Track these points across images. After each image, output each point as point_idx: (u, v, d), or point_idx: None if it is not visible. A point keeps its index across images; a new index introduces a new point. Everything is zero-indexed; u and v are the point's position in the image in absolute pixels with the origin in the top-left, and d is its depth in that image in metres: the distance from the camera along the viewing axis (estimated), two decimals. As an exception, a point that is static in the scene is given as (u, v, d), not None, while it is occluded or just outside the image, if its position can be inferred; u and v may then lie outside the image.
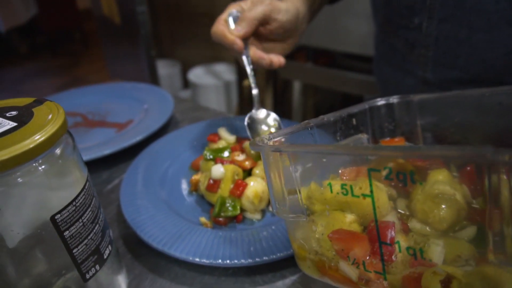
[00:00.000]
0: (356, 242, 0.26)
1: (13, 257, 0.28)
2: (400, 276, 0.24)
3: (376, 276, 0.25)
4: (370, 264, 0.25)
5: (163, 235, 0.40)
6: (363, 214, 0.27)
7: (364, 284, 0.26)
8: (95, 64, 3.20)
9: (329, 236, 0.27)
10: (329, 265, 0.28)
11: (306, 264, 0.30)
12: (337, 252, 0.27)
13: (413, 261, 0.24)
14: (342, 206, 0.28)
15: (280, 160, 0.29)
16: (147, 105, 0.69)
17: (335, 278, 0.28)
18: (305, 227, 0.29)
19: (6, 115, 0.26)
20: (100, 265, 0.31)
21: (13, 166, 0.23)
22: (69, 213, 0.27)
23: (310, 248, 0.29)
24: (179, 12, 2.29)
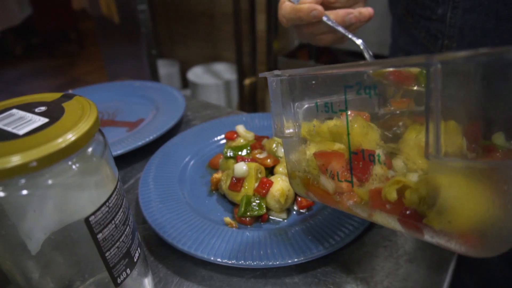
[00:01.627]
0: (334, 157, 0.30)
1: (38, 261, 0.27)
2: (367, 188, 0.28)
3: (348, 187, 0.30)
4: (342, 175, 0.30)
5: (187, 236, 0.38)
6: (353, 144, 0.29)
7: (338, 195, 0.31)
8: (92, 65, 3.17)
9: (314, 153, 0.32)
10: (312, 181, 0.33)
11: (296, 181, 0.35)
12: (319, 168, 0.31)
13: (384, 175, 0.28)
14: (334, 139, 0.31)
15: (282, 89, 0.33)
16: (157, 104, 0.67)
17: (316, 193, 0.33)
18: (299, 151, 0.34)
19: (35, 110, 0.24)
20: (130, 269, 0.29)
21: (47, 165, 0.21)
22: (103, 214, 0.25)
23: (300, 167, 0.34)
24: (178, 11, 2.27)
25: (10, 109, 0.25)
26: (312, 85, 0.33)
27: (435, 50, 0.49)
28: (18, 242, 0.25)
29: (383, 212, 0.27)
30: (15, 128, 0.22)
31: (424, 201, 0.24)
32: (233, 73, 2.13)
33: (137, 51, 1.68)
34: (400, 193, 0.26)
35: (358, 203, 0.29)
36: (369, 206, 0.28)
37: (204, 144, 0.56)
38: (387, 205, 0.27)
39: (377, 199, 0.27)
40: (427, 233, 0.24)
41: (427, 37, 0.49)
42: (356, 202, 0.29)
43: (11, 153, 0.20)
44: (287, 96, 0.33)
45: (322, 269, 0.37)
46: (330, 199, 0.31)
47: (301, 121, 0.33)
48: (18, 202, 0.23)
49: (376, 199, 0.28)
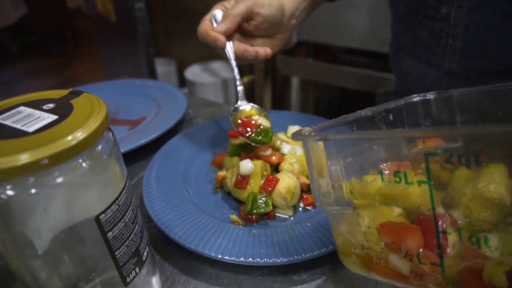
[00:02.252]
0: (408, 233, 0.25)
1: (46, 260, 0.27)
2: (457, 268, 0.23)
3: (431, 269, 0.24)
4: (424, 256, 0.24)
5: (194, 234, 0.38)
6: (410, 206, 0.26)
7: (416, 278, 0.25)
8: (88, 64, 3.15)
9: (377, 228, 0.26)
10: (377, 259, 0.27)
11: (351, 259, 0.29)
12: (387, 245, 0.26)
13: (469, 253, 0.23)
14: (385, 200, 0.27)
15: (324, 151, 0.28)
16: (158, 102, 0.67)
17: (384, 273, 0.27)
18: (350, 220, 0.28)
19: (43, 107, 0.24)
20: (139, 268, 0.29)
21: (58, 163, 0.21)
22: (113, 212, 0.25)
23: (356, 243, 0.28)
24: (175, 10, 2.26)
25: (17, 107, 0.24)
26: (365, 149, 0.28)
27: (438, 50, 0.49)
28: (26, 241, 0.25)
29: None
30: (24, 125, 0.22)
31: None
32: (231, 71, 2.13)
33: (135, 49, 1.67)
34: (509, 277, 0.21)
35: (447, 285, 0.24)
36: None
37: (207, 142, 0.55)
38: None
39: (475, 282, 0.22)
40: None
41: (430, 36, 0.49)
42: (443, 285, 0.24)
43: (21, 151, 0.20)
44: (331, 159, 0.28)
45: (330, 265, 0.37)
46: (406, 282, 0.26)
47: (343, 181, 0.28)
48: (27, 201, 0.22)
49: (473, 282, 0.22)
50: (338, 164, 0.28)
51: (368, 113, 0.35)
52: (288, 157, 0.46)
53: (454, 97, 0.36)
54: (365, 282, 0.35)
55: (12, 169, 0.20)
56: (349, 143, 0.29)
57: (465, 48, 0.46)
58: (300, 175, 0.44)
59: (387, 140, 0.30)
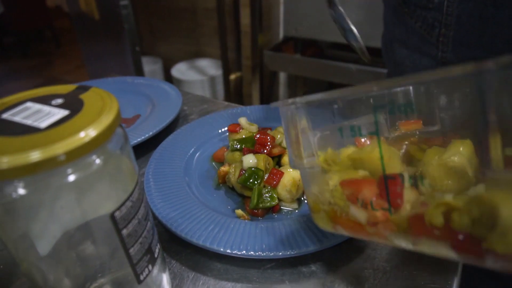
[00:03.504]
0: (364, 184, 0.28)
1: (57, 259, 0.26)
2: (406, 214, 0.26)
3: (383, 216, 0.27)
4: (377, 203, 0.27)
5: (201, 230, 0.38)
6: (374, 169, 0.28)
7: (372, 226, 0.28)
8: (70, 63, 3.08)
9: (341, 182, 0.29)
10: (340, 213, 0.30)
11: (320, 216, 0.32)
12: (348, 198, 0.29)
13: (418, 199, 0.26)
14: (355, 166, 0.30)
15: (297, 117, 0.31)
16: (152, 99, 0.66)
17: (346, 225, 0.30)
18: (320, 181, 0.31)
19: (52, 103, 0.23)
20: (152, 265, 0.28)
21: (74, 159, 0.20)
22: (127, 209, 0.24)
23: (324, 200, 0.31)
24: (159, 7, 2.23)
25: (24, 102, 0.23)
26: (333, 110, 0.31)
27: (431, 39, 0.50)
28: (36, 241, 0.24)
29: (431, 239, 0.24)
30: (35, 121, 0.21)
31: (479, 222, 0.22)
32: (218, 68, 2.12)
33: (120, 48, 1.64)
34: (446, 217, 0.23)
35: (397, 232, 0.27)
36: (411, 234, 0.26)
37: (205, 138, 0.55)
38: (434, 231, 0.24)
39: (420, 226, 0.25)
40: (489, 258, 0.21)
41: (423, 26, 0.50)
42: (394, 231, 0.27)
43: (35, 147, 0.19)
44: (303, 125, 0.31)
45: (338, 256, 0.37)
46: (363, 231, 0.29)
47: (317, 150, 0.31)
48: (38, 199, 0.22)
49: (418, 225, 0.25)
50: (312, 135, 0.31)
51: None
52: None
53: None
54: (374, 272, 0.36)
55: (27, 166, 0.19)
56: (327, 117, 0.31)
57: (458, 37, 0.47)
58: (302, 168, 0.44)
59: (367, 121, 0.32)
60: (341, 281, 0.35)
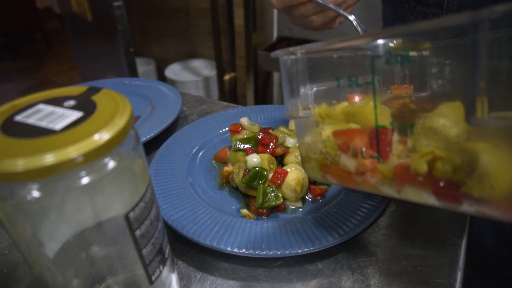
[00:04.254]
0: (356, 134, 0.29)
1: (70, 260, 0.26)
2: (392, 163, 0.28)
3: (372, 165, 0.28)
4: (367, 152, 0.29)
5: (207, 230, 0.38)
6: (367, 123, 0.29)
7: (360, 175, 0.29)
8: (61, 65, 3.04)
9: (334, 132, 0.31)
10: (331, 162, 0.32)
11: (311, 165, 0.33)
12: (339, 147, 0.30)
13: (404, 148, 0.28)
14: (348, 120, 0.31)
15: (296, 67, 0.32)
16: (151, 100, 0.66)
17: (336, 174, 0.31)
18: (314, 133, 0.33)
19: (64, 104, 0.23)
20: (163, 265, 0.29)
21: (91, 160, 0.20)
22: (140, 210, 0.24)
23: (316, 150, 0.32)
24: (152, 8, 2.22)
25: (36, 105, 0.23)
26: (331, 62, 0.32)
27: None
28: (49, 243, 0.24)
29: (414, 186, 0.26)
30: (50, 123, 0.21)
31: (460, 169, 0.24)
32: (212, 69, 2.11)
33: (113, 49, 1.63)
34: (429, 166, 0.25)
35: (383, 180, 0.28)
36: (396, 182, 0.28)
37: (206, 139, 0.55)
38: (418, 178, 0.26)
39: (405, 174, 0.27)
40: (465, 202, 0.24)
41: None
42: (381, 180, 0.28)
43: (52, 149, 0.19)
44: (302, 76, 0.32)
45: (344, 253, 0.38)
46: (351, 180, 0.30)
47: (313, 103, 0.32)
48: (52, 201, 0.22)
49: (403, 174, 0.27)
50: (310, 87, 0.32)
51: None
52: (292, 149, 0.46)
53: None
54: (379, 267, 0.36)
55: (42, 169, 0.19)
56: (325, 69, 0.32)
57: None
58: (305, 167, 0.45)
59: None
60: (347, 279, 0.35)
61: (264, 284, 0.36)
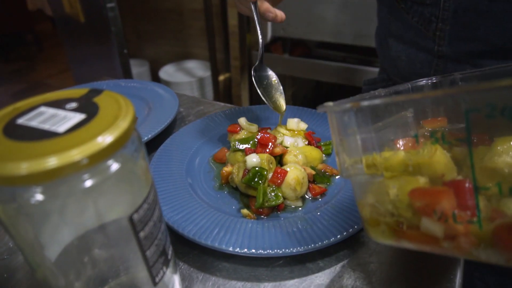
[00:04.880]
0: (442, 195, 0.25)
1: (72, 263, 0.26)
2: (490, 227, 0.23)
3: (466, 229, 0.24)
4: (460, 215, 0.24)
5: (208, 231, 0.38)
6: (435, 175, 0.27)
7: (449, 241, 0.25)
8: (53, 67, 3.01)
9: (409, 193, 0.26)
10: (408, 225, 0.27)
11: (380, 229, 0.29)
12: (419, 210, 0.26)
13: (499, 213, 0.24)
14: (407, 172, 0.27)
15: (349, 123, 0.28)
16: (148, 102, 0.65)
17: (415, 239, 0.27)
18: (377, 190, 0.29)
19: (66, 107, 0.23)
20: (166, 267, 0.29)
21: (96, 163, 0.20)
22: (144, 211, 0.24)
23: (385, 211, 0.28)
24: (145, 9, 2.21)
25: (37, 107, 0.23)
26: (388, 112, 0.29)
27: (428, 34, 0.51)
28: (52, 246, 0.24)
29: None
30: (53, 125, 0.21)
31: None
32: (206, 70, 2.11)
33: (107, 51, 1.62)
34: None
35: (481, 246, 0.24)
36: (500, 247, 0.23)
37: (204, 139, 0.55)
38: None
39: (507, 237, 0.23)
40: None
41: (420, 21, 0.51)
42: (476, 245, 0.24)
43: (55, 152, 0.19)
44: (352, 130, 0.28)
45: (345, 251, 0.38)
46: (438, 245, 0.26)
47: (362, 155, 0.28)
48: (56, 204, 0.22)
49: (504, 237, 0.23)
50: (359, 139, 0.28)
51: (381, 93, 0.36)
52: (291, 149, 0.46)
53: (457, 79, 0.37)
54: (380, 265, 0.37)
55: (46, 172, 0.19)
56: (368, 120, 0.29)
57: (454, 31, 0.48)
58: (304, 166, 0.45)
59: (398, 121, 0.31)
60: (349, 276, 0.36)
61: (266, 283, 0.36)
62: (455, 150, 0.28)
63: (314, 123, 0.57)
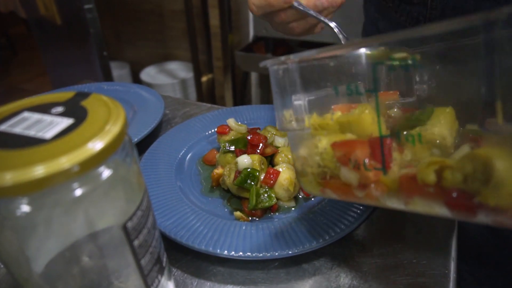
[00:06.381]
0: (357, 145, 0.28)
1: (62, 274, 0.24)
2: (397, 176, 0.26)
3: (375, 177, 0.27)
4: (370, 163, 0.27)
5: (201, 235, 0.37)
6: (363, 133, 0.29)
7: (363, 189, 0.28)
8: (28, 72, 2.91)
9: (332, 144, 0.29)
10: (330, 175, 0.30)
11: (308, 179, 0.32)
12: (339, 159, 0.29)
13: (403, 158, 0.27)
14: (342, 130, 0.30)
15: (288, 77, 0.30)
16: (132, 105, 0.64)
17: (335, 188, 0.30)
18: (309, 144, 0.31)
19: (52, 111, 0.22)
20: (161, 275, 0.28)
21: (86, 170, 0.19)
22: (138, 219, 0.23)
23: (313, 163, 0.30)
24: (124, 10, 2.16)
25: (20, 113, 0.22)
26: (324, 70, 0.31)
27: None
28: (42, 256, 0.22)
29: (423, 197, 0.25)
30: (38, 132, 0.20)
31: (472, 178, 0.22)
32: (188, 71, 2.09)
33: (85, 53, 1.57)
34: (438, 175, 0.24)
35: (388, 193, 0.27)
36: (403, 194, 0.26)
37: (192, 141, 0.54)
38: (426, 189, 0.24)
39: (412, 185, 0.25)
40: (481, 212, 0.22)
41: (408, 20, 0.51)
42: (386, 192, 0.27)
43: (42, 160, 0.18)
44: (294, 86, 0.30)
45: (340, 250, 0.38)
46: (353, 194, 0.29)
47: (307, 114, 0.31)
48: (43, 216, 0.20)
49: (410, 185, 0.25)
50: (302, 99, 0.31)
51: None
52: (282, 149, 0.46)
53: None
54: (375, 262, 0.37)
55: (32, 182, 0.18)
56: (314, 80, 0.31)
57: None
58: (296, 166, 0.45)
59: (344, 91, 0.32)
60: (345, 276, 0.35)
61: (262, 286, 0.35)
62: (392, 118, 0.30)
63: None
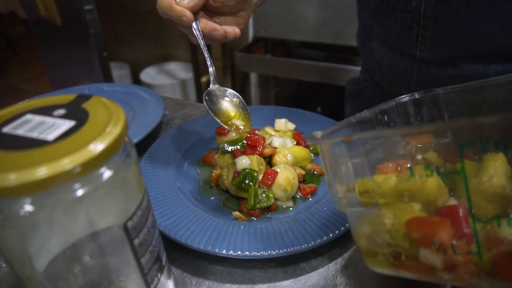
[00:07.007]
0: (440, 226, 0.24)
1: (65, 274, 0.25)
2: (489, 255, 0.23)
3: (465, 259, 0.24)
4: (459, 246, 0.24)
5: (201, 235, 0.37)
6: (427, 200, 0.26)
7: (448, 271, 0.25)
8: (28, 72, 2.92)
9: (406, 224, 0.26)
10: (406, 255, 0.26)
11: (378, 260, 0.29)
12: (417, 241, 0.25)
13: (494, 239, 0.24)
14: (401, 197, 0.27)
15: (345, 153, 0.28)
16: (132, 106, 0.64)
17: (414, 269, 0.27)
18: (373, 220, 0.28)
19: (54, 114, 0.22)
20: (161, 273, 0.28)
21: (88, 171, 0.19)
22: (138, 218, 0.24)
23: (382, 242, 0.27)
24: (123, 11, 2.17)
25: (23, 115, 0.22)
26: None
27: (410, 39, 0.52)
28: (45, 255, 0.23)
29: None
30: (41, 133, 0.20)
31: None
32: (188, 71, 2.09)
33: (85, 54, 1.58)
34: None
35: (481, 275, 0.24)
36: (500, 277, 0.23)
37: (192, 142, 0.54)
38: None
39: (507, 266, 0.22)
40: None
41: (402, 27, 0.52)
42: (477, 275, 0.24)
43: (45, 161, 0.18)
44: (345, 160, 0.28)
45: (337, 250, 0.38)
46: (437, 275, 0.26)
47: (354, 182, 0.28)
48: (46, 215, 0.21)
49: (504, 266, 0.22)
50: (350, 165, 0.28)
51: (367, 115, 0.36)
52: (280, 149, 0.47)
53: (440, 95, 0.38)
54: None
55: (36, 182, 0.18)
56: (359, 145, 0.29)
57: (435, 37, 0.50)
58: (294, 166, 0.45)
59: (386, 140, 0.32)
60: (342, 274, 0.36)
61: (260, 285, 0.36)
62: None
63: (302, 123, 0.57)
